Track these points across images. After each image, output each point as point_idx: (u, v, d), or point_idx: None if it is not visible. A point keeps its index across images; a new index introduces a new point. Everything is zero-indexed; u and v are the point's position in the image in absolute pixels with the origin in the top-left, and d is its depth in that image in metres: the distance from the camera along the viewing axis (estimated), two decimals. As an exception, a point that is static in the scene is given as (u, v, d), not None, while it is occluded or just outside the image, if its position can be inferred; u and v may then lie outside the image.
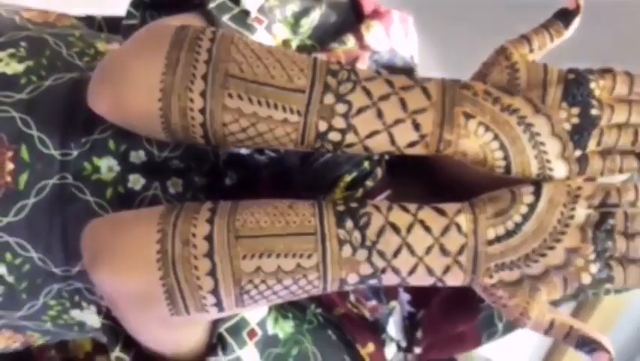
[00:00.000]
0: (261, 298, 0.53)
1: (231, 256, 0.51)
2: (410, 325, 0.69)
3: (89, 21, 0.80)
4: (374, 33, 0.70)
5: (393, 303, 0.67)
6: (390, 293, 0.67)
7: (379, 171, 0.64)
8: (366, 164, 0.64)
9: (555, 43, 0.55)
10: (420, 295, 0.68)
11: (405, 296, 0.68)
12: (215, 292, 0.51)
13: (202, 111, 0.53)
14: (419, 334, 0.67)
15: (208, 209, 0.53)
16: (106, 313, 0.60)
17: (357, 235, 0.51)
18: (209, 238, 0.51)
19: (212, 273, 0.51)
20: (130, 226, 0.55)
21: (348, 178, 0.63)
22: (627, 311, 2.02)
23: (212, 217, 0.52)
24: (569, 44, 0.58)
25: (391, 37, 0.72)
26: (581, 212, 0.51)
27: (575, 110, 0.51)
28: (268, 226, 0.52)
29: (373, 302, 0.65)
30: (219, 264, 0.51)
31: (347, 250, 0.51)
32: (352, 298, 0.65)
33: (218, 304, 0.52)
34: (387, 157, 0.66)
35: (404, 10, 0.75)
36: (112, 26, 0.80)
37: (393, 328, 0.67)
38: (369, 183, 0.63)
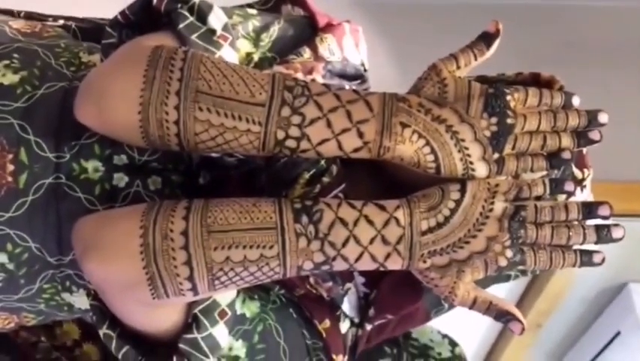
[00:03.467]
0: (230, 283, 0.60)
1: (204, 248, 0.59)
2: (365, 304, 0.76)
3: (65, 27, 0.85)
4: (327, 45, 0.78)
5: (349, 285, 0.74)
6: (346, 276, 0.74)
7: (334, 168, 0.69)
8: (322, 162, 0.69)
9: (479, 61, 0.63)
10: (373, 278, 0.75)
11: (360, 279, 0.76)
12: (190, 278, 0.59)
13: (176, 123, 0.60)
14: (371, 312, 0.75)
15: (184, 207, 0.60)
16: (94, 296, 0.67)
17: (311, 228, 0.60)
18: (184, 233, 0.59)
19: (187, 263, 0.59)
20: (116, 222, 0.62)
21: (306, 175, 0.69)
22: (570, 296, 2.12)
23: (187, 215, 0.60)
24: (514, 46, 0.66)
25: (343, 47, 0.79)
26: (499, 205, 0.60)
27: (494, 120, 0.60)
28: (236, 222, 0.60)
29: (330, 284, 0.72)
30: (194, 255, 0.59)
31: (303, 242, 0.59)
32: (312, 280, 0.72)
33: (193, 289, 0.60)
34: None
35: (366, 14, 0.82)
36: (85, 34, 0.85)
37: (347, 306, 0.74)
38: (325, 179, 0.69)
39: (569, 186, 0.61)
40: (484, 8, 1.57)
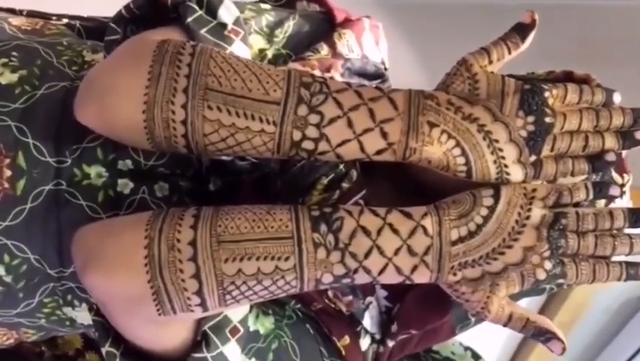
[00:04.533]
0: (242, 298, 0.56)
1: (214, 260, 0.54)
2: (387, 319, 0.72)
3: (69, 26, 0.82)
4: (346, 41, 0.73)
5: (370, 298, 0.70)
6: (367, 290, 0.70)
7: (354, 173, 0.66)
8: (341, 166, 0.66)
9: (513, 55, 0.58)
10: (396, 291, 0.71)
11: (382, 293, 0.71)
12: (199, 293, 0.55)
13: (184, 123, 0.56)
14: (394, 327, 0.70)
15: (192, 215, 0.56)
16: (97, 311, 0.63)
17: (330, 238, 0.55)
18: (192, 244, 0.55)
19: (196, 276, 0.54)
20: (119, 232, 0.58)
21: (325, 180, 0.66)
22: (593, 307, 2.08)
23: (196, 223, 0.55)
24: (535, 46, 0.62)
25: (363, 44, 0.75)
26: (537, 212, 0.55)
27: (531, 118, 0.55)
28: (248, 231, 0.55)
29: (350, 297, 0.68)
30: (203, 267, 0.54)
31: (321, 253, 0.55)
32: (330, 293, 0.68)
33: (203, 304, 0.56)
34: None
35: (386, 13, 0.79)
36: (89, 33, 0.82)
37: (368, 321, 0.70)
38: (345, 184, 0.66)
39: (614, 190, 0.56)
40: (505, 7, 1.55)
